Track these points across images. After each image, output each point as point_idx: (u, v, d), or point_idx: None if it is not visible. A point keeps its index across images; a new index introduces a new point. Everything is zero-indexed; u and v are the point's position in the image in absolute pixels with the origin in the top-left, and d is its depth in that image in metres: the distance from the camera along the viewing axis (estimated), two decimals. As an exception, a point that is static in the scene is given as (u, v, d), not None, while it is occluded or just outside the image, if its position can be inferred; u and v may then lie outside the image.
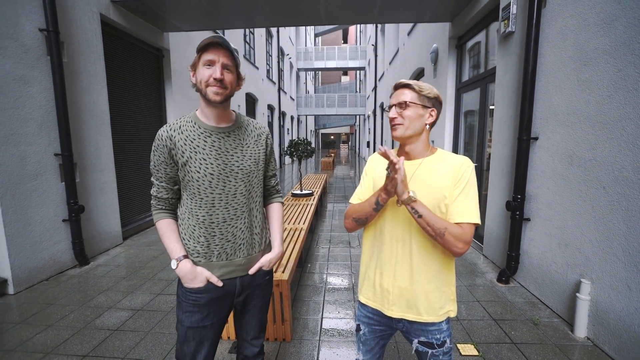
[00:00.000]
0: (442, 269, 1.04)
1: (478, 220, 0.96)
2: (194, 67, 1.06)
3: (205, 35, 6.60)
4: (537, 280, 2.67)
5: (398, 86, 1.05)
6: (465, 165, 1.00)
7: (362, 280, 1.17)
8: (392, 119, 1.03)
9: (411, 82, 1.02)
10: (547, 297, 2.56)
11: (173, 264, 1.09)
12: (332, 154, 17.91)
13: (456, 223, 0.96)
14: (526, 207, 2.82)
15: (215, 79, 1.03)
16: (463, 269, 3.31)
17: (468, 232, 0.95)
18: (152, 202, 1.15)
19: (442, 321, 1.06)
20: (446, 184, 0.99)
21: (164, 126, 1.09)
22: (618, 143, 1.92)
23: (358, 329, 1.19)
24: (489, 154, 3.66)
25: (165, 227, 1.12)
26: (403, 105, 1.01)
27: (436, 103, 1.03)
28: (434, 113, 1.03)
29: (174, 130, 1.08)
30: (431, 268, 1.03)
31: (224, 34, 7.80)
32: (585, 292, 2.12)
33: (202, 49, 1.03)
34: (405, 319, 1.07)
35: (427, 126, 1.04)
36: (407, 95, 1.02)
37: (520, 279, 2.92)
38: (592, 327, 2.10)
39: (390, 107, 1.05)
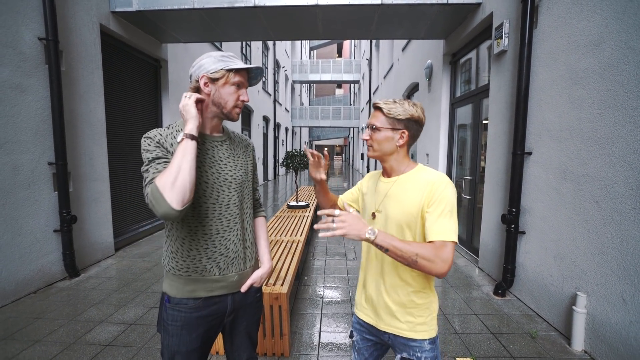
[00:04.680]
0: (417, 284, 1.06)
1: (453, 238, 0.94)
2: (214, 80, 1.03)
3: (203, 46, 6.67)
4: (534, 293, 2.69)
5: (373, 106, 1.09)
6: (439, 182, 0.99)
7: (357, 289, 1.23)
8: (365, 140, 1.09)
9: (382, 104, 1.04)
10: (543, 310, 2.57)
11: (179, 137, 0.95)
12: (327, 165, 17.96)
13: (431, 241, 0.94)
14: (521, 221, 2.86)
15: (244, 101, 1.06)
16: (459, 281, 3.32)
17: (442, 250, 0.91)
18: (147, 189, 0.92)
19: (425, 340, 1.05)
20: (418, 202, 0.99)
21: (152, 130, 1.02)
22: (609, 159, 1.99)
23: (351, 335, 1.24)
24: (483, 167, 3.73)
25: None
26: (373, 128, 1.06)
27: (409, 123, 1.03)
28: (405, 135, 1.04)
29: (167, 135, 1.02)
30: (406, 282, 1.05)
31: (221, 46, 7.89)
32: (582, 305, 2.14)
33: (236, 70, 1.03)
34: (389, 332, 1.09)
35: (398, 148, 1.05)
36: (377, 118, 1.05)
37: (516, 292, 2.94)
38: (589, 340, 2.12)
39: (366, 126, 1.10)
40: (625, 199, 1.88)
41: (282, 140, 17.89)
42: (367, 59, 15.53)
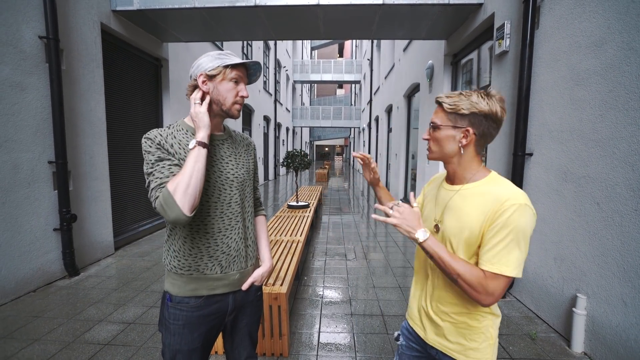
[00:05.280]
0: (473, 305, 0.91)
1: (511, 272, 0.79)
2: (211, 77, 1.02)
3: (204, 45, 6.67)
4: (533, 294, 2.69)
5: (435, 102, 0.94)
6: (511, 203, 0.80)
7: (410, 294, 1.13)
8: (425, 140, 0.97)
9: (443, 98, 0.89)
10: (543, 312, 2.57)
11: (191, 143, 0.97)
12: (327, 166, 17.97)
13: (483, 269, 0.82)
14: (521, 222, 2.85)
15: (243, 97, 1.05)
16: (459, 282, 3.31)
17: (494, 283, 0.79)
18: (156, 193, 0.93)
19: None
20: (479, 218, 0.84)
21: (152, 130, 1.01)
22: (611, 160, 1.98)
23: (397, 338, 1.15)
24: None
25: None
26: (434, 126, 0.92)
27: (476, 119, 0.85)
28: (469, 132, 0.86)
29: (167, 135, 1.02)
30: (461, 301, 0.92)
31: (222, 46, 7.89)
32: (582, 307, 2.13)
33: (233, 65, 1.02)
34: (436, 348, 0.98)
35: (462, 149, 0.88)
36: (437, 115, 0.91)
37: (516, 293, 2.93)
38: (588, 342, 2.11)
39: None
40: (626, 201, 1.87)
41: (283, 140, 17.89)
42: (368, 59, 15.53)
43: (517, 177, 2.80)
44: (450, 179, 0.97)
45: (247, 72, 1.09)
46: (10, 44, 2.76)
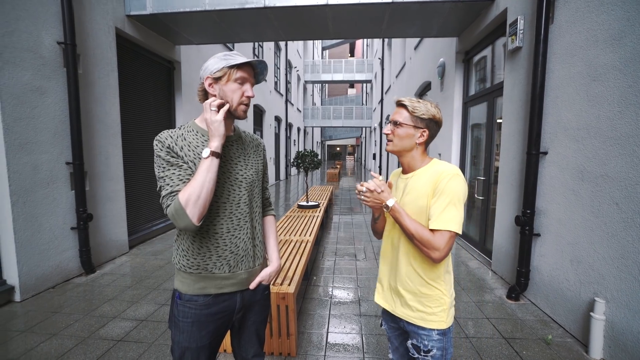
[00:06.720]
0: (426, 275, 1.10)
1: (452, 227, 1.00)
2: (217, 79, 1.02)
3: (216, 47, 6.77)
4: (549, 297, 2.60)
5: (397, 103, 1.14)
6: (445, 174, 1.04)
7: (378, 276, 1.30)
8: (386, 134, 1.15)
9: (407, 102, 1.09)
10: (559, 316, 2.48)
11: (205, 152, 0.96)
12: (338, 166, 17.93)
13: (431, 229, 1.02)
14: (536, 222, 2.77)
15: (248, 97, 1.05)
16: (471, 284, 3.24)
17: (439, 238, 1.00)
18: (168, 201, 0.97)
19: (433, 330, 1.10)
20: (426, 192, 1.06)
21: (163, 132, 1.03)
22: (630, 159, 1.90)
23: (381, 324, 1.32)
24: (497, 168, 3.63)
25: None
26: (396, 124, 1.11)
27: (430, 123, 1.09)
28: (425, 133, 1.10)
29: (178, 137, 1.03)
30: (417, 272, 1.11)
31: (233, 47, 7.98)
32: (600, 312, 2.05)
33: (238, 65, 1.01)
34: (402, 319, 1.15)
35: (418, 145, 1.11)
36: (401, 115, 1.11)
37: (530, 296, 2.85)
38: (608, 348, 2.03)
39: (388, 121, 1.11)
40: (647, 201, 1.78)
41: (294, 140, 17.95)
42: (379, 58, 15.41)
43: (531, 176, 2.72)
44: (405, 169, 1.18)
45: (254, 71, 1.09)
46: (31, 50, 2.87)
